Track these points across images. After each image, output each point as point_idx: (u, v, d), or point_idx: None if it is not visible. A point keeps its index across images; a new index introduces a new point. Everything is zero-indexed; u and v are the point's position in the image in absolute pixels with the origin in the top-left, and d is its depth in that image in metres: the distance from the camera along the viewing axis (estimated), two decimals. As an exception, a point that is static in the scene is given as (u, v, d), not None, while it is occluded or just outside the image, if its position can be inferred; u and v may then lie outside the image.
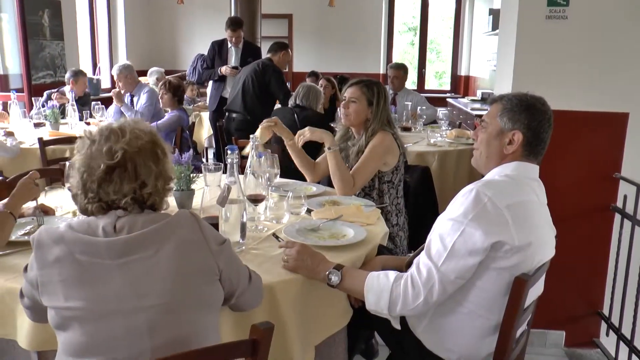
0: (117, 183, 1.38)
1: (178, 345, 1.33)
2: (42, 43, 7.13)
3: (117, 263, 1.33)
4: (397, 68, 5.73)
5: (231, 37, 5.95)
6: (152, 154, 1.42)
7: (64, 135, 4.48)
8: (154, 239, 1.36)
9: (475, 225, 1.64)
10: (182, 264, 1.37)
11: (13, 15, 6.25)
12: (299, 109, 4.28)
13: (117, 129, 1.40)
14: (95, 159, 1.37)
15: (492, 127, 1.82)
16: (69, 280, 1.33)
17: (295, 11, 9.80)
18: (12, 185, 2.55)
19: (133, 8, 9.61)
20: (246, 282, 1.55)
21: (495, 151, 1.82)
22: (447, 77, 10.47)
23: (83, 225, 1.38)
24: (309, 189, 2.74)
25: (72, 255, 1.33)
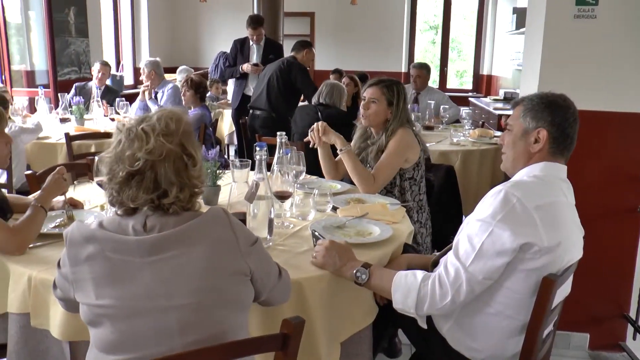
0: (134, 191, 1.36)
1: (208, 344, 1.33)
2: (68, 40, 7.23)
3: (147, 261, 1.33)
4: (420, 67, 5.70)
5: (252, 35, 5.97)
6: (177, 161, 1.38)
7: (89, 130, 4.55)
8: (186, 237, 1.35)
9: (504, 226, 1.63)
10: (213, 263, 1.36)
11: (40, 13, 6.35)
12: (322, 106, 4.28)
13: (143, 134, 1.36)
14: (118, 162, 1.37)
15: (517, 128, 1.83)
16: (99, 278, 1.34)
17: (317, 9, 9.79)
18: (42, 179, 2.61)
19: (156, 6, 9.69)
20: (276, 278, 1.55)
21: (521, 151, 1.82)
22: (469, 76, 10.38)
23: (113, 224, 1.38)
24: (334, 187, 2.75)
25: (103, 253, 1.34)
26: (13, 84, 6.39)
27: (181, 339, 1.33)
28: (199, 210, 1.46)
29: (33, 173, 2.71)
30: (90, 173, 2.46)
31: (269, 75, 5.20)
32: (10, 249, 1.87)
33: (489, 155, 4.23)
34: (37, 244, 1.95)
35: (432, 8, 10.52)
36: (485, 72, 9.74)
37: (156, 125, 1.37)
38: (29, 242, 1.92)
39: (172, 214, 1.39)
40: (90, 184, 2.59)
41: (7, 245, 1.87)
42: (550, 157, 1.79)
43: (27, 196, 2.43)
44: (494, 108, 6.78)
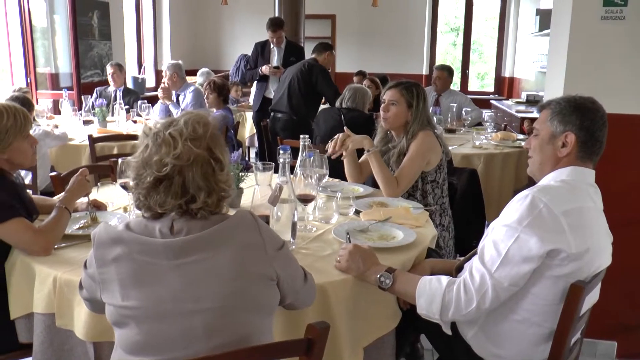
0: (162, 196, 1.35)
1: (233, 347, 1.32)
2: (91, 43, 7.33)
3: (174, 264, 1.32)
4: (441, 69, 5.67)
5: (272, 38, 5.99)
6: (205, 165, 1.37)
7: (111, 132, 4.59)
8: (213, 241, 1.35)
9: (530, 232, 1.60)
10: (240, 267, 1.35)
11: (65, 16, 6.45)
12: (346, 110, 4.26)
13: (170, 139, 1.35)
14: (145, 167, 1.36)
15: (544, 132, 1.79)
16: (126, 280, 1.34)
17: (338, 12, 9.80)
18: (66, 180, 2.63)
19: (178, 9, 9.78)
20: (301, 282, 1.54)
21: (549, 156, 1.78)
22: (490, 78, 10.31)
23: (140, 226, 1.38)
24: (356, 190, 2.74)
25: (130, 255, 1.34)
26: (38, 86, 6.49)
27: (206, 342, 1.32)
28: (226, 213, 1.45)
29: (57, 174, 2.74)
30: (113, 175, 2.48)
31: (290, 77, 5.20)
32: (37, 250, 1.89)
33: (512, 158, 4.19)
34: (62, 245, 1.97)
35: (453, 10, 10.47)
36: (507, 75, 9.65)
37: (183, 130, 1.36)
38: (54, 243, 1.94)
39: (199, 218, 1.38)
40: (114, 185, 2.60)
41: (33, 246, 1.89)
42: (578, 161, 1.76)
43: (52, 197, 2.45)
44: (516, 111, 6.71)
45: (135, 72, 8.81)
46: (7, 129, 2.00)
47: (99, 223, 2.18)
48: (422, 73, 9.75)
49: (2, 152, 2.02)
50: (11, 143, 2.02)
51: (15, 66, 6.41)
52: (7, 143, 2.01)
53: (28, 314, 1.90)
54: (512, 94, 9.33)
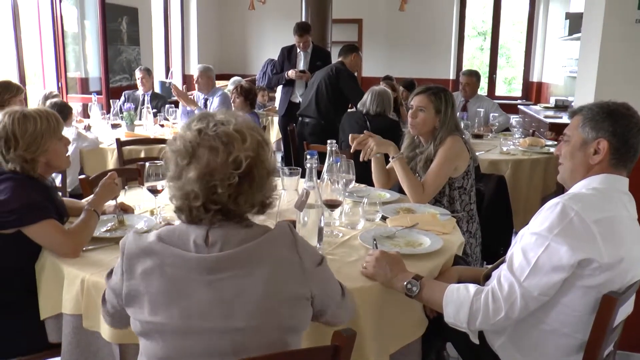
0: (249, 193, 1.32)
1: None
2: (120, 48, 7.45)
3: (206, 280, 1.29)
4: (470, 75, 5.61)
5: (299, 43, 6.00)
6: (265, 152, 1.36)
7: (139, 136, 4.65)
8: (248, 258, 1.31)
9: (561, 241, 1.57)
10: (274, 287, 1.30)
11: (95, 22, 6.57)
12: (370, 115, 4.24)
13: (236, 133, 1.30)
14: (221, 170, 1.28)
15: (575, 138, 1.75)
16: (155, 295, 1.30)
17: (365, 16, 9.79)
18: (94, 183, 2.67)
19: (205, 14, 9.88)
20: (339, 300, 1.49)
21: (580, 163, 1.74)
22: (517, 83, 10.19)
23: (173, 237, 1.34)
24: (383, 196, 2.72)
25: (161, 268, 1.30)
26: (68, 90, 6.62)
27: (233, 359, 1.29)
28: (262, 223, 1.42)
29: (86, 177, 2.78)
30: (141, 178, 2.50)
31: (318, 82, 5.20)
32: (66, 252, 1.92)
33: (540, 165, 4.13)
34: (90, 247, 2.00)
35: (481, 14, 10.38)
36: (535, 79, 9.52)
37: (237, 121, 1.34)
38: (83, 245, 1.98)
39: (236, 224, 1.34)
40: (141, 189, 2.63)
41: (63, 248, 1.92)
42: (611, 168, 1.71)
43: (81, 200, 2.49)
44: (545, 116, 6.60)
45: (163, 76, 8.91)
46: (42, 133, 2.05)
47: (126, 226, 2.21)
48: (449, 78, 9.67)
49: (41, 157, 2.07)
50: (48, 146, 2.07)
51: (47, 71, 6.54)
52: (44, 147, 2.06)
53: (57, 314, 1.93)
54: (540, 99, 9.20)
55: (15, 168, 2.03)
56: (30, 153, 2.03)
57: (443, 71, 9.70)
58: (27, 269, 2.00)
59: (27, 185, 2.01)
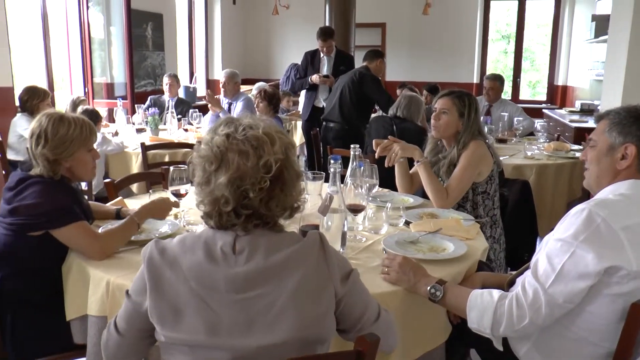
0: (281, 197, 1.31)
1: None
2: (145, 54, 7.55)
3: (234, 298, 1.27)
4: (494, 79, 5.56)
5: (322, 47, 6.01)
6: (292, 154, 1.35)
7: (163, 140, 4.70)
8: (277, 271, 1.28)
9: (587, 248, 1.54)
10: (303, 300, 1.28)
11: (121, 28, 6.67)
12: (398, 120, 4.23)
13: (265, 136, 1.29)
14: (251, 174, 1.27)
15: (602, 143, 1.73)
16: (180, 309, 1.28)
17: (389, 20, 9.79)
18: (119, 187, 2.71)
19: (229, 19, 9.97)
20: (372, 319, 1.44)
21: (607, 168, 1.71)
22: (542, 86, 10.07)
23: (198, 244, 1.31)
24: (406, 201, 2.71)
25: (186, 282, 1.28)
26: (94, 95, 6.72)
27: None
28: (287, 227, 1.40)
29: (111, 181, 2.82)
30: (165, 182, 2.52)
31: (342, 87, 5.20)
32: (95, 255, 1.95)
33: (565, 170, 4.07)
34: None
35: (505, 17, 10.28)
36: (560, 83, 9.41)
37: (265, 124, 1.33)
38: (113, 249, 2.00)
39: (267, 230, 1.33)
40: (165, 192, 2.65)
41: (92, 251, 1.95)
42: (639, 174, 1.68)
43: (105, 203, 2.52)
44: (570, 120, 6.52)
45: (187, 81, 9.01)
46: (72, 139, 2.08)
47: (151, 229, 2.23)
48: (473, 82, 9.61)
49: (65, 161, 2.10)
50: (74, 153, 2.10)
51: (74, 76, 6.66)
52: (71, 152, 2.09)
53: (82, 316, 1.95)
54: (565, 102, 9.09)
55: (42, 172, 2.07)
56: (54, 154, 2.06)
57: (466, 75, 9.64)
58: (54, 271, 2.03)
59: (54, 189, 2.04)
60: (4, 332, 2.05)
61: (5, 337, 2.05)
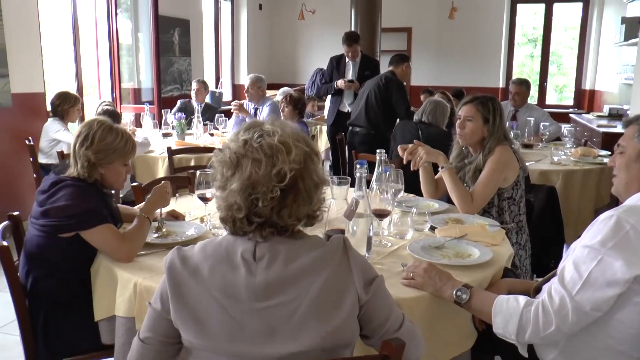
0: (293, 207, 1.29)
1: None
2: (172, 59, 7.65)
3: (256, 307, 1.26)
4: (520, 84, 5.51)
5: (347, 52, 6.02)
6: (312, 163, 1.32)
7: (189, 145, 4.75)
8: (299, 277, 1.27)
9: (615, 255, 1.52)
10: (325, 307, 1.27)
11: (148, 34, 6.77)
12: (424, 125, 4.22)
13: (281, 145, 1.27)
14: (263, 182, 1.26)
15: (631, 149, 1.70)
16: (202, 318, 1.28)
17: (414, 24, 9.77)
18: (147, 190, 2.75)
19: (255, 25, 10.05)
20: (395, 326, 1.41)
21: (636, 175, 1.69)
22: (569, 91, 9.94)
23: (219, 251, 1.31)
24: (431, 206, 2.70)
25: (208, 292, 1.28)
26: (122, 100, 6.83)
27: None
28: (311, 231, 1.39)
29: (139, 184, 2.87)
30: (191, 186, 2.56)
31: (368, 92, 5.20)
32: (120, 256, 1.99)
33: (593, 176, 4.01)
34: (142, 253, 2.06)
35: (531, 20, 10.17)
36: (587, 87, 9.28)
37: (284, 131, 1.31)
38: (137, 250, 2.04)
39: (286, 238, 1.32)
40: (191, 196, 2.68)
41: (118, 252, 1.99)
42: None
43: (133, 207, 2.57)
44: (598, 125, 6.41)
45: (213, 86, 9.09)
46: (115, 149, 2.17)
47: (177, 232, 2.27)
48: (499, 86, 9.53)
49: (102, 167, 2.17)
50: (113, 162, 2.19)
51: (102, 82, 6.78)
52: (110, 160, 2.18)
53: (110, 316, 1.99)
54: (593, 107, 8.95)
55: (77, 172, 2.13)
56: (95, 158, 2.14)
57: (492, 79, 9.57)
58: (83, 272, 2.07)
59: (85, 192, 2.10)
60: (36, 331, 2.10)
61: (37, 336, 2.10)
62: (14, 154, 4.98)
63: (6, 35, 4.82)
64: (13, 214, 2.25)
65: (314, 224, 1.38)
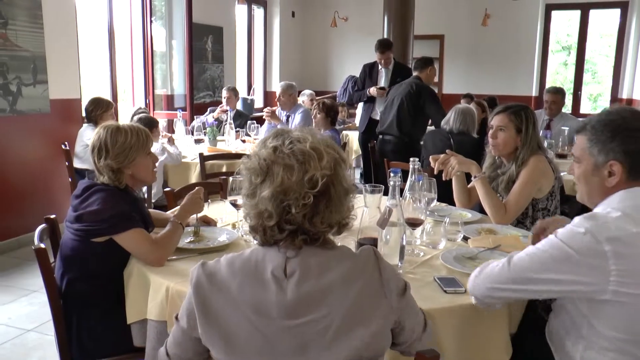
0: (326, 213, 1.26)
1: None
2: (204, 66, 7.74)
3: (287, 324, 1.23)
4: (556, 92, 5.42)
5: (380, 59, 6.00)
6: (342, 169, 1.30)
7: (221, 151, 4.79)
8: (328, 294, 1.24)
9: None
10: (357, 322, 1.25)
11: (182, 41, 6.86)
12: (454, 134, 4.17)
13: (313, 152, 1.25)
14: (295, 189, 1.23)
15: (586, 163, 1.65)
16: (232, 336, 1.26)
17: (447, 32, 9.70)
18: (179, 196, 2.78)
19: (288, 32, 10.11)
20: (419, 332, 1.42)
21: (597, 187, 1.64)
22: (604, 100, 9.75)
23: (248, 267, 1.28)
24: (464, 215, 2.66)
25: (237, 309, 1.25)
26: (155, 106, 6.93)
27: None
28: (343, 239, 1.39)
29: (171, 190, 2.90)
30: (223, 192, 2.57)
31: (399, 100, 5.15)
32: (152, 260, 2.01)
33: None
34: (174, 258, 2.08)
35: (566, 27, 10.01)
36: (624, 96, 9.05)
37: (315, 138, 1.30)
38: (168, 255, 2.06)
39: (317, 250, 1.29)
40: (223, 202, 2.70)
41: (149, 256, 2.02)
42: (633, 182, 1.59)
43: (165, 212, 2.60)
44: (636, 135, 6.25)
45: (245, 93, 9.17)
46: (131, 146, 2.18)
47: (209, 238, 2.29)
48: (532, 94, 9.38)
49: (127, 168, 2.19)
50: (134, 159, 2.19)
51: (136, 88, 6.90)
52: (132, 158, 2.18)
53: (142, 320, 2.00)
54: (630, 116, 8.72)
55: (107, 181, 2.16)
56: (117, 163, 2.15)
57: (525, 88, 9.42)
58: (117, 276, 2.09)
59: (116, 196, 2.12)
60: (70, 331, 2.13)
61: (71, 336, 2.13)
62: (51, 159, 5.10)
63: (46, 45, 4.96)
64: (50, 217, 2.30)
65: (343, 232, 1.35)
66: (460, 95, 7.05)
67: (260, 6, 9.59)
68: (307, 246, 1.28)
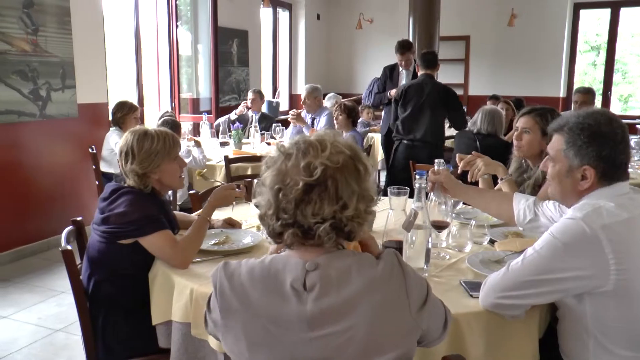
0: (317, 204, 1.21)
1: None
2: (230, 69, 7.79)
3: (309, 336, 1.21)
4: (586, 92, 5.31)
5: (400, 61, 5.93)
6: (354, 170, 1.25)
7: (246, 154, 4.81)
8: (351, 306, 1.21)
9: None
10: (380, 330, 1.22)
11: (208, 45, 6.92)
12: (481, 135, 4.12)
13: (317, 142, 1.25)
14: (291, 175, 1.23)
15: (560, 164, 1.67)
16: (255, 345, 1.25)
17: (473, 33, 9.60)
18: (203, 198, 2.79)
19: (313, 35, 10.13)
20: (440, 332, 1.40)
21: (570, 189, 1.67)
22: (635, 100, 9.53)
23: (268, 278, 1.26)
24: (490, 218, 2.61)
25: (258, 319, 1.24)
26: (180, 110, 7.00)
27: None
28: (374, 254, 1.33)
29: (196, 193, 2.91)
30: (247, 194, 2.58)
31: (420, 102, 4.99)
32: (176, 263, 2.02)
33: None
34: (198, 260, 2.08)
35: (595, 27, 9.81)
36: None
37: (328, 136, 1.29)
38: (193, 255, 2.07)
39: (337, 259, 1.26)
40: (248, 205, 2.70)
41: (174, 259, 2.03)
42: (604, 183, 1.62)
43: (190, 214, 2.61)
44: (669, 136, 6.11)
45: (270, 96, 9.21)
46: (157, 151, 2.19)
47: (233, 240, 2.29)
48: (559, 96, 9.22)
49: (153, 173, 2.20)
50: (160, 164, 2.20)
51: (162, 92, 6.97)
52: (157, 164, 2.19)
53: (167, 321, 2.02)
54: (662, 117, 8.54)
55: (132, 184, 2.18)
56: (143, 168, 2.16)
57: (553, 89, 9.27)
58: (142, 278, 2.11)
59: (143, 199, 2.14)
60: (96, 332, 2.15)
61: (97, 337, 2.15)
62: (78, 162, 5.19)
63: (75, 50, 5.05)
64: (76, 219, 2.33)
65: (341, 237, 1.27)
66: (486, 97, 6.96)
67: (286, 9, 9.63)
68: (325, 255, 1.26)
